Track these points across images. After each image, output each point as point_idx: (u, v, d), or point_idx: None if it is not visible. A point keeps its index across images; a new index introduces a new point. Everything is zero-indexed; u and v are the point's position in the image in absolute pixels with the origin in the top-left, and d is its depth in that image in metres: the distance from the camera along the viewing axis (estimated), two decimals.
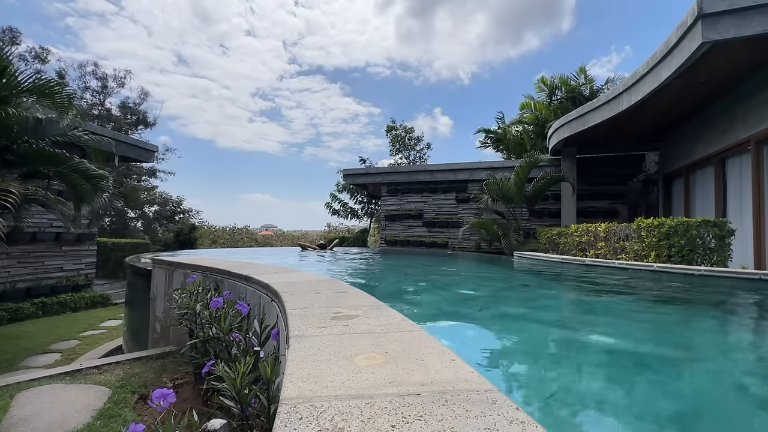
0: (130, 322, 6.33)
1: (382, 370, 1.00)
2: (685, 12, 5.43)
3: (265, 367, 1.38)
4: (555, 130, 10.71)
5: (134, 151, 11.93)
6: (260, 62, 72.10)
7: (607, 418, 1.65)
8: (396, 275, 6.86)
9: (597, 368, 2.20)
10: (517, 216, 10.98)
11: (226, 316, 2.31)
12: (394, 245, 14.22)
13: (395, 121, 23.86)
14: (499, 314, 3.67)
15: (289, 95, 76.90)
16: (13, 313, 8.02)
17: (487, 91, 71.26)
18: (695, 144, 8.71)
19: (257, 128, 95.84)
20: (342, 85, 76.94)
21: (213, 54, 59.74)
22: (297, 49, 69.67)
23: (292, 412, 0.77)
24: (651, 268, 5.05)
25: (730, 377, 2.13)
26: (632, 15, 61.74)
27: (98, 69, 19.81)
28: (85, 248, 10.78)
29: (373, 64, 73.61)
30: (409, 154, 23.64)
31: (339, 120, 79.81)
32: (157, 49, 43.73)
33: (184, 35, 49.74)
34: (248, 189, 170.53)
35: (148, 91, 21.00)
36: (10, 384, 3.41)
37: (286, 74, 72.32)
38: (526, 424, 0.72)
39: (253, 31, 62.44)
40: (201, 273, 4.06)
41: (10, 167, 5.95)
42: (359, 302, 1.98)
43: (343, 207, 22.28)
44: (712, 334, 3.08)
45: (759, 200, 6.45)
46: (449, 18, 54.97)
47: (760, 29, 4.89)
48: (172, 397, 1.18)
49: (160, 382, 3.45)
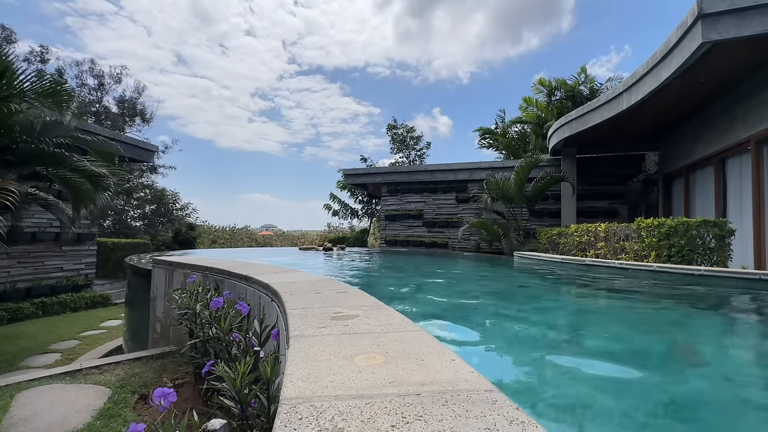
0: (130, 322, 6.33)
1: (382, 370, 1.00)
2: (685, 12, 5.43)
3: (265, 367, 1.38)
4: (555, 130, 10.71)
5: (134, 150, 11.93)
6: (260, 62, 72.03)
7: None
8: (391, 278, 6.86)
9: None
10: (517, 216, 10.97)
11: (226, 316, 2.31)
12: (394, 245, 14.22)
13: (396, 120, 23.88)
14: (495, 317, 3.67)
15: (289, 95, 76.85)
16: (13, 313, 8.01)
17: (486, 90, 71.34)
18: (695, 144, 8.71)
19: (257, 128, 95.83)
20: (342, 84, 76.94)
21: (212, 54, 59.62)
22: (296, 48, 69.60)
23: (292, 412, 0.77)
24: (651, 268, 5.05)
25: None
26: (632, 14, 61.79)
27: (95, 66, 19.75)
28: (85, 248, 10.78)
29: (373, 63, 73.57)
30: (410, 154, 23.65)
31: (339, 120, 79.78)
32: (157, 48, 43.75)
33: (183, 35, 49.68)
34: (248, 189, 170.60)
35: (145, 85, 20.93)
36: (10, 384, 3.41)
37: (286, 74, 72.25)
38: (526, 424, 0.72)
39: (252, 31, 62.26)
40: (201, 273, 4.06)
41: (11, 167, 5.95)
42: (359, 302, 1.98)
43: (343, 207, 22.28)
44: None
45: (759, 200, 6.45)
46: (448, 17, 54.99)
47: (761, 29, 4.89)
48: (173, 396, 1.18)
49: (160, 382, 3.45)
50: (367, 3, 64.72)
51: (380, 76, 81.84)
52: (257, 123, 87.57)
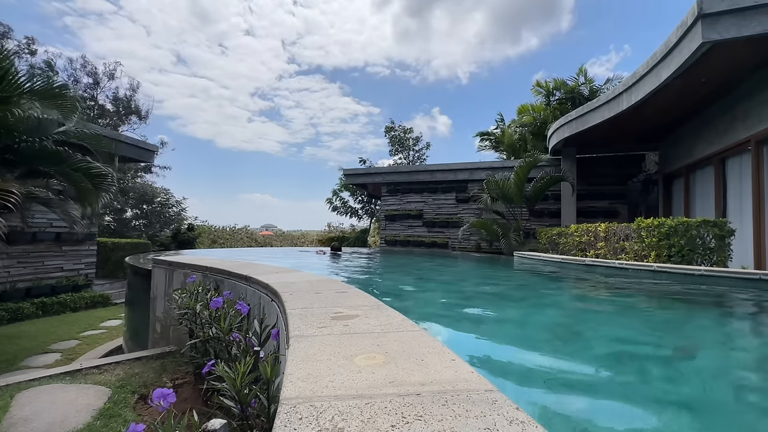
0: (130, 322, 6.33)
1: (382, 370, 1.00)
2: (684, 12, 5.43)
3: (264, 368, 1.38)
4: (555, 130, 10.71)
5: (134, 150, 11.93)
6: (259, 62, 71.78)
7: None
8: (388, 280, 6.86)
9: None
10: (517, 216, 10.98)
11: (226, 316, 2.31)
12: (394, 245, 14.22)
13: (394, 122, 23.91)
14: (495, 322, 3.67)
15: (288, 95, 76.76)
16: (13, 313, 8.01)
17: (485, 90, 71.33)
18: (695, 144, 8.71)
19: (257, 128, 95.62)
20: (341, 84, 76.90)
21: (212, 54, 59.36)
22: (296, 48, 69.48)
23: (292, 412, 0.77)
24: (651, 268, 5.05)
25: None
26: (631, 14, 61.79)
27: (88, 63, 19.63)
28: (85, 248, 10.78)
29: (372, 63, 73.53)
30: (408, 155, 23.66)
31: (338, 120, 79.74)
32: (156, 48, 43.50)
33: (182, 35, 49.44)
34: (248, 189, 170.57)
35: (139, 82, 20.86)
36: (10, 384, 3.41)
37: (285, 74, 72.13)
38: (526, 424, 0.72)
39: (252, 31, 61.99)
40: (201, 273, 4.06)
41: (12, 167, 5.95)
42: (359, 302, 1.98)
43: (343, 205, 22.31)
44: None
45: (759, 200, 6.45)
46: (447, 17, 55.00)
47: (761, 29, 4.89)
48: (173, 396, 1.18)
49: (160, 382, 3.45)
50: (366, 2, 64.72)
51: (380, 75, 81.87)
52: (257, 123, 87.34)
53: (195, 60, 57.63)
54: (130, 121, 20.70)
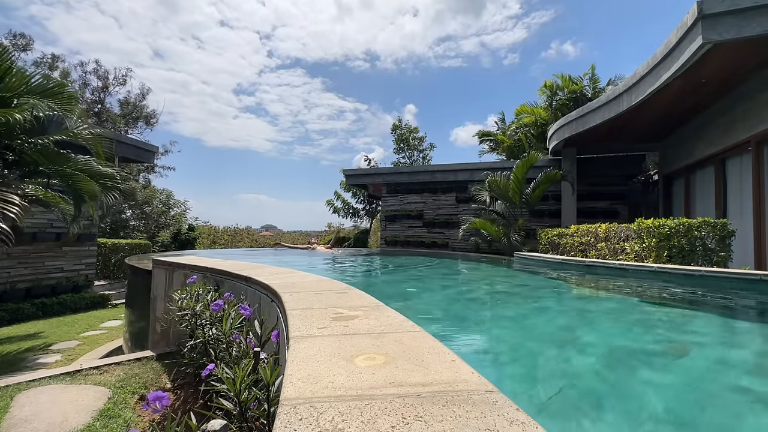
0: (130, 322, 6.33)
1: (382, 371, 1.00)
2: (685, 12, 5.43)
3: (264, 369, 1.38)
4: (555, 131, 10.71)
5: (134, 151, 11.94)
6: (239, 56, 68.83)
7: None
8: (390, 279, 6.86)
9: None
10: (517, 216, 10.97)
11: (227, 318, 2.31)
12: (394, 246, 14.21)
13: (401, 120, 23.83)
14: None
15: (269, 89, 75.20)
16: (13, 314, 8.01)
17: (485, 89, 71.16)
18: (695, 144, 8.70)
19: (243, 124, 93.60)
20: (323, 79, 75.62)
21: (187, 47, 56.14)
22: (273, 42, 67.62)
23: (293, 413, 0.77)
24: (651, 268, 5.05)
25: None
26: (632, 14, 61.80)
27: (100, 67, 19.79)
28: (85, 249, 10.77)
29: (353, 57, 72.50)
30: (413, 154, 23.61)
31: (325, 116, 78.65)
32: (130, 41, 41.07)
33: (154, 26, 46.17)
34: (243, 189, 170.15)
35: (149, 87, 21.02)
36: (10, 384, 3.41)
37: (266, 69, 70.46)
38: (526, 425, 0.72)
39: (226, 22, 59.16)
40: (201, 273, 4.06)
41: (12, 167, 5.95)
42: (359, 303, 1.97)
43: (344, 205, 22.28)
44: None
45: (759, 200, 6.44)
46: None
47: (761, 30, 4.89)
48: (167, 399, 1.19)
49: (160, 383, 3.45)
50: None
51: (359, 69, 79.81)
52: (242, 119, 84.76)
53: (171, 53, 54.13)
54: (137, 126, 20.81)
